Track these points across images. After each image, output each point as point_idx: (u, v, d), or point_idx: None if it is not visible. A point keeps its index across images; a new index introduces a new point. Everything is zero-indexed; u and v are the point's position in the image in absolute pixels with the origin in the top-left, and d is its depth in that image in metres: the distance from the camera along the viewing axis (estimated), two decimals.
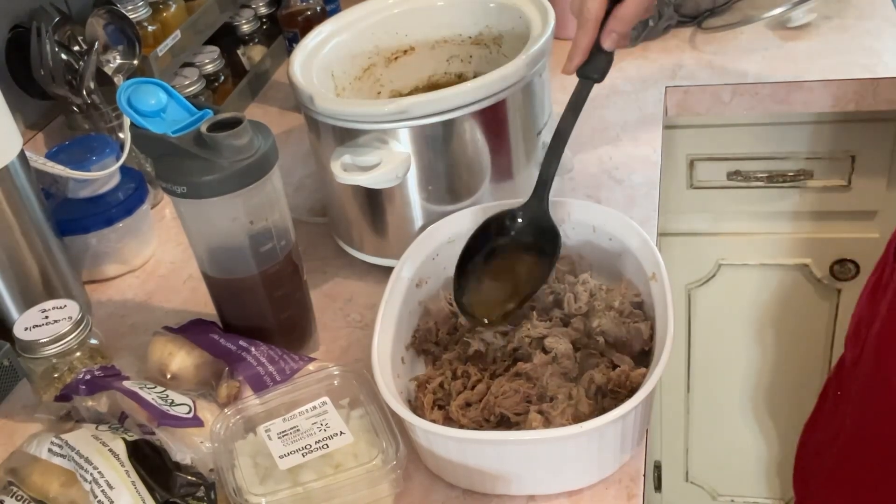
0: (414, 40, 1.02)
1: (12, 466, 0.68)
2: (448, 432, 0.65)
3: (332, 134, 0.86)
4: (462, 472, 0.68)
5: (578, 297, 0.78)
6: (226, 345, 0.78)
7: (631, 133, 1.12)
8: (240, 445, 0.70)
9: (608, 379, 0.70)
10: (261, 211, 0.75)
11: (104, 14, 1.05)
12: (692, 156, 1.29)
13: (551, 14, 0.91)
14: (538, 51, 0.86)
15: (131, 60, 1.08)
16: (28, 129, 1.10)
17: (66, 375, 0.78)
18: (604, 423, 0.63)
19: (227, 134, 0.70)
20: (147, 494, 0.64)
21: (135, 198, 0.99)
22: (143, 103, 0.74)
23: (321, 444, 0.68)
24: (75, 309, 0.80)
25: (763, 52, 1.25)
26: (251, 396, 0.74)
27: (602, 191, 1.02)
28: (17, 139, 0.85)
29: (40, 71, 1.01)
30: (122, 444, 0.67)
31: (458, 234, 0.84)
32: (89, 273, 0.99)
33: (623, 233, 0.80)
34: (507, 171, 0.90)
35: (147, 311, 0.95)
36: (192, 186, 0.71)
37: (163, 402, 0.71)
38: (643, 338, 0.74)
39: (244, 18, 1.36)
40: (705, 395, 1.51)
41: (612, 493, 0.68)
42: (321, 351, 0.86)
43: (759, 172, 1.27)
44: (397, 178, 0.83)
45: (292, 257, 0.80)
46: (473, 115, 0.84)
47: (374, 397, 0.71)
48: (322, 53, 0.95)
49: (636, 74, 1.25)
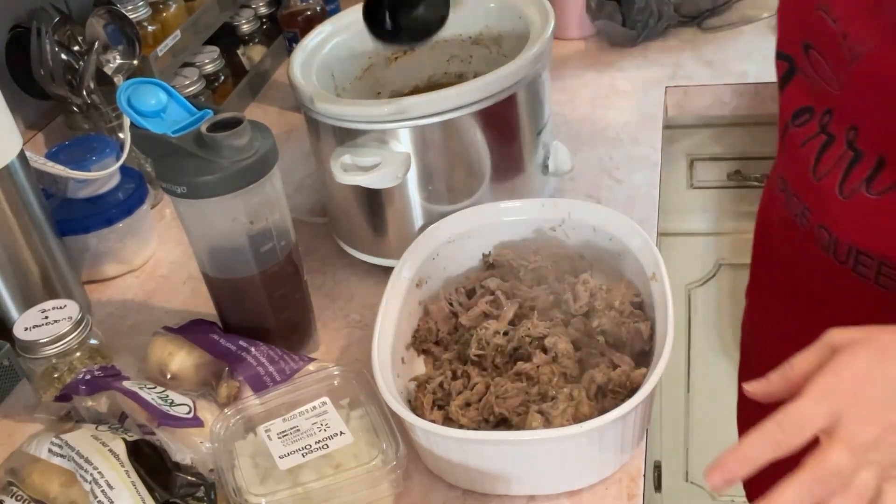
0: None
1: (12, 466, 0.68)
2: (448, 432, 0.65)
3: (332, 134, 0.86)
4: (462, 472, 0.68)
5: (578, 297, 0.78)
6: (226, 345, 0.78)
7: (631, 133, 1.13)
8: (240, 445, 0.70)
9: (609, 379, 0.70)
10: (261, 211, 0.75)
11: (104, 14, 1.05)
12: (692, 156, 1.29)
13: (551, 14, 0.91)
14: (538, 51, 0.86)
15: (131, 60, 1.08)
16: (28, 129, 1.10)
17: (66, 375, 0.78)
18: (604, 423, 0.63)
19: (227, 134, 0.70)
20: (147, 494, 0.64)
21: (135, 198, 0.99)
22: (143, 103, 0.74)
23: (321, 445, 0.68)
24: (75, 309, 0.80)
25: (763, 52, 1.25)
26: (251, 396, 0.74)
27: (602, 191, 1.02)
28: (17, 139, 0.85)
29: (40, 71, 1.01)
30: (122, 444, 0.67)
31: (458, 234, 0.84)
32: (89, 273, 0.99)
33: (623, 233, 0.80)
34: (507, 171, 0.90)
35: (147, 311, 0.95)
36: (192, 186, 0.71)
37: (163, 402, 0.71)
38: (643, 338, 0.74)
39: (244, 18, 1.36)
40: (705, 395, 1.51)
41: (612, 493, 0.68)
42: (321, 351, 0.86)
43: (758, 172, 1.27)
44: (397, 178, 0.83)
45: (292, 257, 0.80)
46: (473, 115, 0.84)
47: (374, 397, 0.71)
48: (322, 53, 0.95)
49: (636, 74, 1.25)
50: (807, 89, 0.71)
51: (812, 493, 0.49)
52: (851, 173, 0.67)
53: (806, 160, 0.71)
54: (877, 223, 0.67)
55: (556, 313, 0.79)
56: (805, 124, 0.72)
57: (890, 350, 0.52)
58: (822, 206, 0.71)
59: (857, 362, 0.52)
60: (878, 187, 0.66)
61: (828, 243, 0.72)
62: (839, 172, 0.68)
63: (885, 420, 0.50)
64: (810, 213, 0.73)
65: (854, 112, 0.67)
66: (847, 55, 0.64)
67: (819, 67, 0.68)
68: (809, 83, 0.71)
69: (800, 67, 0.71)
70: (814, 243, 0.73)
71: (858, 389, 0.51)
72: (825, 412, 0.50)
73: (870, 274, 0.69)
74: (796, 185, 0.75)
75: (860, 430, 0.50)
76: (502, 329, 0.77)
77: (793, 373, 0.54)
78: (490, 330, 0.76)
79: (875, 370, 0.51)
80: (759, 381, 0.56)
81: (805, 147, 0.71)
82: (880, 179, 0.66)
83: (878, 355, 0.52)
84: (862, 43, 0.63)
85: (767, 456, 0.50)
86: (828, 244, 0.72)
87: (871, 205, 0.66)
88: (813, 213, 0.72)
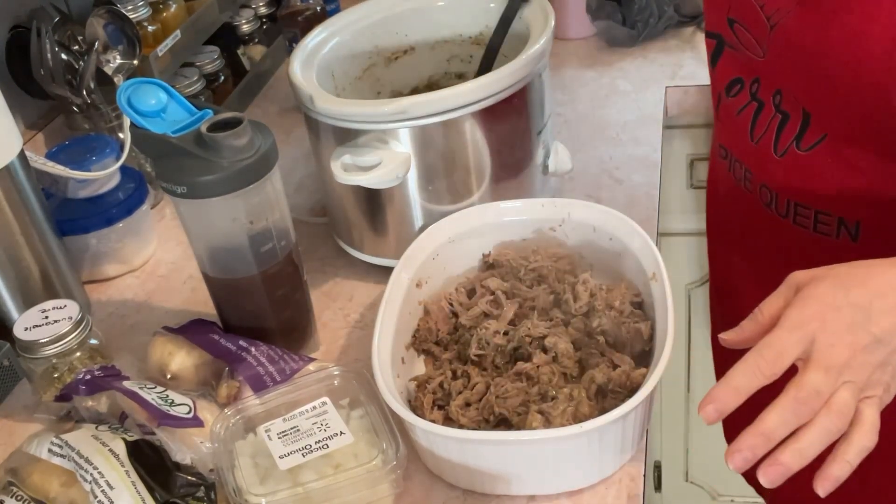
0: (414, 40, 1.02)
1: (12, 466, 0.68)
2: (448, 432, 0.65)
3: (332, 134, 0.86)
4: (462, 472, 0.68)
5: (578, 297, 0.78)
6: (226, 345, 0.78)
7: (631, 133, 1.13)
8: (240, 445, 0.70)
9: (609, 379, 0.70)
10: (261, 211, 0.75)
11: (104, 14, 1.05)
12: (692, 156, 1.29)
13: (551, 14, 0.91)
14: (538, 51, 0.86)
15: (131, 60, 1.08)
16: (28, 129, 1.10)
17: (66, 375, 0.78)
18: (604, 423, 0.63)
19: (227, 134, 0.70)
20: (147, 494, 0.64)
21: (135, 198, 0.99)
22: (143, 103, 0.74)
23: (321, 445, 0.68)
24: (75, 309, 0.80)
25: None
26: (251, 396, 0.74)
27: (602, 191, 1.02)
28: (17, 139, 0.85)
29: (40, 71, 1.01)
30: (122, 444, 0.67)
31: (458, 234, 0.84)
32: (89, 273, 0.99)
33: (623, 233, 0.80)
34: (507, 171, 0.90)
35: (147, 311, 0.95)
36: (192, 186, 0.71)
37: (163, 402, 0.71)
38: (643, 338, 0.74)
39: (244, 18, 1.36)
40: None
41: (612, 493, 0.68)
42: (321, 351, 0.86)
43: None
44: (397, 178, 0.83)
45: (292, 257, 0.80)
46: (473, 115, 0.84)
47: (374, 397, 0.71)
48: (322, 53, 0.95)
49: (636, 74, 1.25)
50: (736, 62, 0.77)
51: (795, 415, 0.52)
52: (783, 133, 0.73)
53: (743, 127, 0.77)
54: (809, 176, 0.73)
55: (556, 313, 0.79)
56: (738, 94, 0.78)
57: (849, 278, 0.56)
58: (762, 167, 0.77)
59: (820, 292, 0.55)
60: (805, 144, 0.72)
61: (770, 200, 0.77)
62: (772, 134, 0.74)
63: (855, 342, 0.53)
64: (752, 174, 0.79)
65: (777, 77, 0.73)
66: (766, 24, 0.70)
67: (744, 38, 0.74)
68: (737, 55, 0.76)
69: (727, 42, 0.77)
70: (758, 201, 0.79)
71: (826, 316, 0.54)
72: (798, 338, 0.54)
73: (808, 224, 0.75)
74: (737, 150, 0.80)
75: (833, 353, 0.53)
76: (502, 329, 0.77)
77: (762, 316, 0.57)
78: (490, 330, 0.76)
79: (839, 297, 0.55)
80: (732, 331, 0.59)
81: (740, 115, 0.77)
82: (807, 137, 0.72)
83: (840, 282, 0.55)
84: (777, 11, 0.69)
85: (753, 384, 0.54)
86: (770, 201, 0.77)
87: (803, 160, 0.73)
88: (755, 174, 0.78)
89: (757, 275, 0.84)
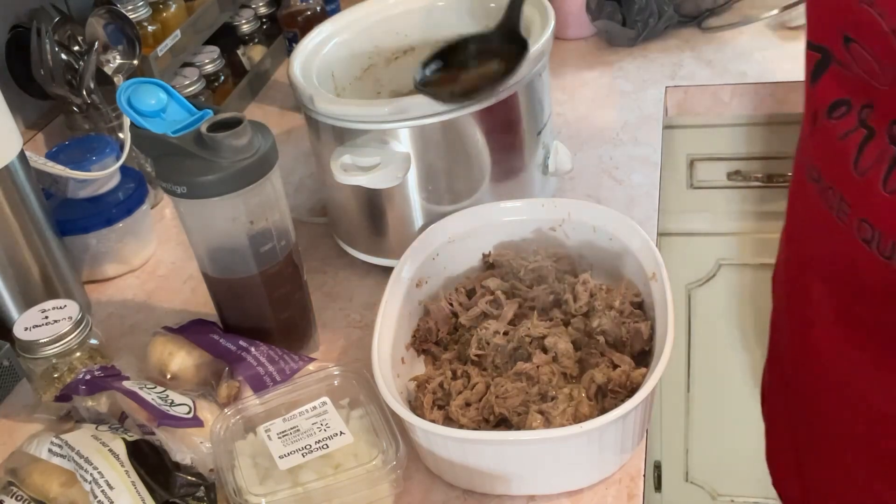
0: (414, 40, 1.02)
1: (12, 466, 0.68)
2: (448, 432, 0.65)
3: (332, 134, 0.86)
4: (462, 472, 0.68)
5: (578, 297, 0.78)
6: (226, 345, 0.79)
7: (631, 133, 1.13)
8: (240, 445, 0.70)
9: (609, 379, 0.70)
10: (261, 211, 0.75)
11: (104, 14, 1.05)
12: (692, 156, 1.29)
13: (551, 14, 0.91)
14: (538, 51, 0.86)
15: (131, 60, 1.08)
16: (28, 129, 1.10)
17: (66, 375, 0.78)
18: (604, 423, 0.63)
19: (227, 134, 0.70)
20: (147, 494, 0.64)
21: (135, 198, 0.99)
22: (143, 103, 0.74)
23: (321, 445, 0.68)
24: (75, 309, 0.80)
25: (763, 52, 1.25)
26: (251, 396, 0.74)
27: (602, 191, 1.02)
28: (17, 139, 0.85)
29: (40, 71, 1.01)
30: (122, 444, 0.67)
31: (458, 234, 0.84)
32: (89, 273, 0.99)
33: (623, 233, 0.80)
34: (507, 171, 0.90)
35: (147, 311, 0.95)
36: (192, 186, 0.71)
37: (163, 402, 0.71)
38: (643, 338, 0.74)
39: (244, 18, 1.36)
40: (705, 395, 1.51)
41: (612, 493, 0.68)
42: (321, 351, 0.86)
43: (758, 172, 1.27)
44: (397, 178, 0.83)
45: (292, 257, 0.80)
46: (473, 115, 0.84)
47: (374, 397, 0.71)
48: (322, 53, 0.95)
49: (636, 74, 1.25)
50: (844, 81, 0.69)
51: None
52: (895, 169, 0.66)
53: (845, 154, 0.70)
54: None
55: (556, 313, 0.79)
56: (842, 118, 0.70)
57: None
58: (865, 200, 0.69)
59: None
60: None
61: (871, 237, 0.70)
62: (882, 167, 0.66)
63: None
64: (850, 207, 0.71)
65: None
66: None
67: (862, 61, 0.66)
68: (846, 75, 0.69)
69: (836, 59, 0.70)
70: (854, 235, 0.71)
71: None
72: None
73: None
74: (832, 176, 0.73)
75: None
76: (502, 329, 0.77)
77: None
78: (490, 330, 0.76)
79: None
80: None
81: (844, 141, 0.70)
82: None
83: None
84: None
85: None
86: (870, 238, 0.70)
87: None
88: (853, 207, 0.71)
89: (838, 310, 0.78)
